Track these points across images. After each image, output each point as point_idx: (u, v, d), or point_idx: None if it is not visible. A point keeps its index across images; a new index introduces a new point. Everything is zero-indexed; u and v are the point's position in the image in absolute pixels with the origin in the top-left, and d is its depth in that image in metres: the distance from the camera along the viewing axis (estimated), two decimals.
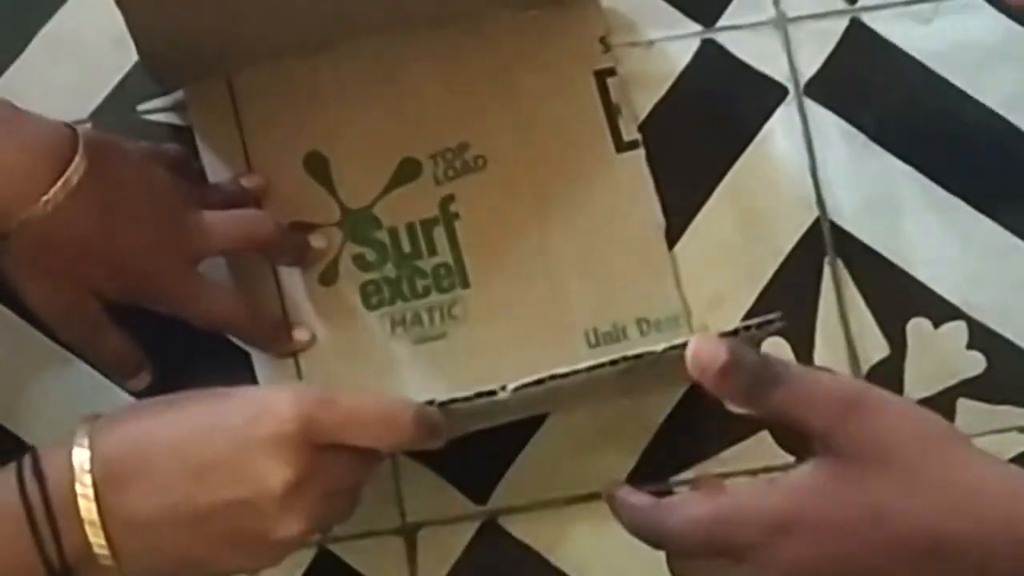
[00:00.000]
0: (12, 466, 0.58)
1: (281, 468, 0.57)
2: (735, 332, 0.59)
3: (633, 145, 0.76)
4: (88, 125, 0.75)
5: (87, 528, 0.57)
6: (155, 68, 0.74)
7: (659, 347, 0.59)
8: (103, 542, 0.57)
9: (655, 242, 0.75)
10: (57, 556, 0.57)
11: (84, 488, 0.57)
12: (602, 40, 0.77)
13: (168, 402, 0.60)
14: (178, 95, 0.76)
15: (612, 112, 0.76)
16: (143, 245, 0.66)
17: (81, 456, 0.57)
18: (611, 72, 0.77)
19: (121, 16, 0.68)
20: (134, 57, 0.75)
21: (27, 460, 0.58)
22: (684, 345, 0.57)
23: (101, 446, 0.58)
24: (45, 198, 0.62)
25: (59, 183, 0.62)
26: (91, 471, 0.57)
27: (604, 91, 0.77)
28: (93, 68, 0.76)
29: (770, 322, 0.60)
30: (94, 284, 0.66)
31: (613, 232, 0.75)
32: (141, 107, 0.76)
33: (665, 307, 0.75)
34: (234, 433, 0.58)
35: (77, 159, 0.63)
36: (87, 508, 0.57)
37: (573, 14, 0.77)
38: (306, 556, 0.71)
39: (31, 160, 0.62)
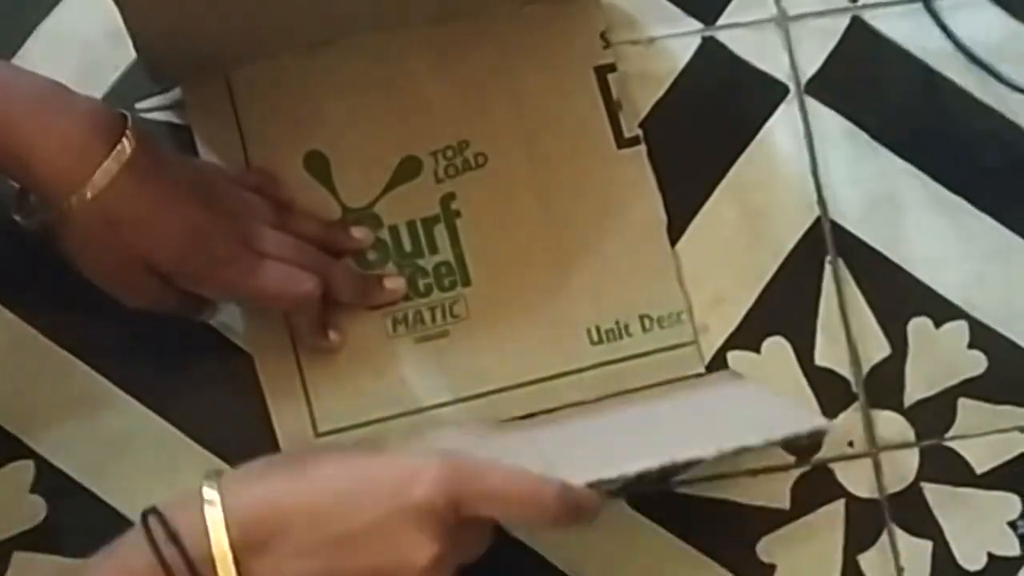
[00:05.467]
0: (138, 528, 0.57)
1: (428, 542, 0.57)
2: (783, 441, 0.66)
3: (634, 141, 0.76)
4: None
5: None
6: (153, 65, 0.74)
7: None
8: None
9: (657, 239, 0.75)
10: None
11: (222, 551, 0.56)
12: (602, 36, 0.77)
13: (299, 461, 0.60)
14: (176, 93, 0.76)
15: (613, 108, 0.76)
16: (197, 222, 0.67)
17: (215, 517, 0.56)
18: (612, 68, 0.76)
19: (118, 13, 0.68)
20: (132, 54, 0.74)
21: (154, 521, 0.57)
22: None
23: (235, 507, 0.57)
24: (100, 169, 0.63)
25: (112, 156, 0.64)
26: (228, 533, 0.56)
27: (605, 87, 0.76)
28: (91, 65, 0.76)
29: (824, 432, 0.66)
30: (150, 260, 0.66)
31: (615, 229, 0.75)
32: (139, 105, 0.76)
33: (668, 304, 0.74)
34: (380, 501, 0.57)
35: (128, 133, 0.64)
36: (226, 572, 0.56)
37: (573, 10, 0.77)
38: None
39: (86, 135, 0.64)
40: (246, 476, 0.59)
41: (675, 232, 0.75)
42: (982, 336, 0.75)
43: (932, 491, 0.74)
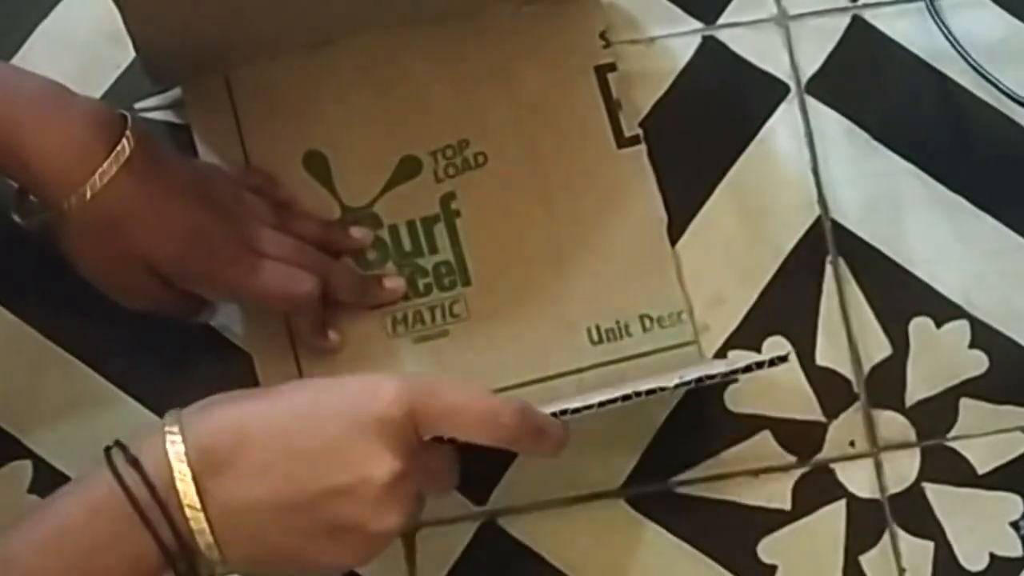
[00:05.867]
0: (100, 461, 0.58)
1: (388, 457, 0.57)
2: (747, 368, 0.63)
3: (634, 141, 0.76)
4: None
5: (187, 513, 0.56)
6: (152, 66, 0.74)
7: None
8: (205, 527, 0.56)
9: (657, 238, 0.75)
10: (174, 538, 0.56)
11: (182, 473, 0.56)
12: (602, 35, 0.77)
13: (263, 390, 0.61)
14: (176, 93, 0.76)
15: (613, 108, 0.76)
16: (197, 222, 0.67)
17: (175, 440, 0.57)
18: (611, 68, 0.76)
19: (118, 13, 0.67)
20: (131, 54, 0.75)
21: (116, 451, 0.58)
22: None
23: (196, 431, 0.58)
24: (100, 169, 0.63)
25: (111, 156, 0.64)
26: (187, 455, 0.56)
27: (604, 87, 0.76)
28: (90, 65, 0.76)
29: (783, 359, 0.63)
30: (150, 260, 0.66)
31: (615, 228, 0.75)
32: (139, 105, 0.76)
33: (668, 303, 0.74)
34: (339, 417, 0.58)
35: (128, 134, 0.64)
36: (186, 493, 0.56)
37: (573, 9, 0.77)
38: None
39: (85, 135, 0.64)
40: (207, 405, 0.60)
41: (675, 232, 0.75)
42: (983, 336, 0.75)
43: (934, 491, 0.73)
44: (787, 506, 0.73)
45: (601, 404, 0.62)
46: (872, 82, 0.77)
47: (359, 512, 0.57)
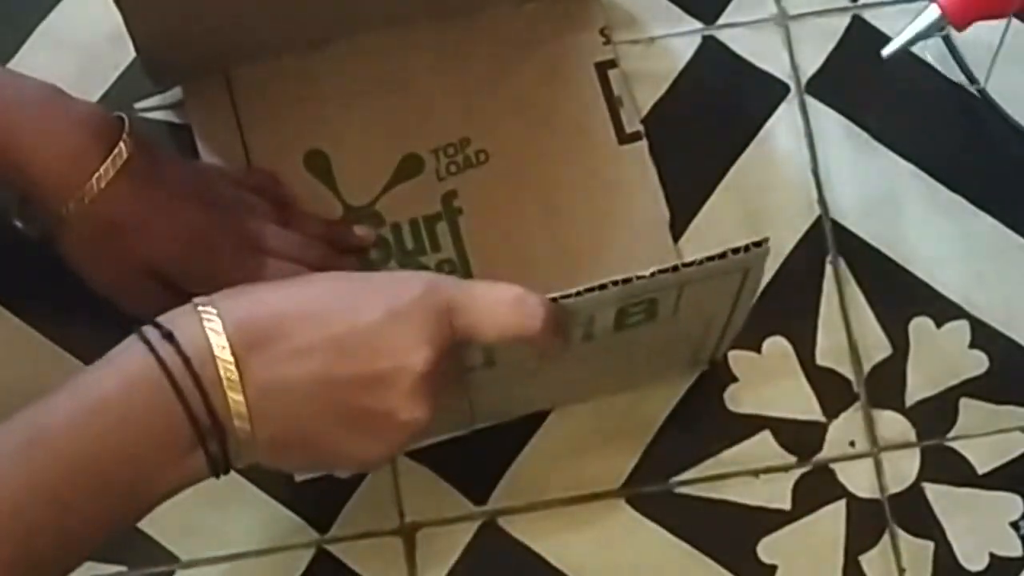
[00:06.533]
0: (132, 337, 0.57)
1: (424, 346, 0.57)
2: (723, 255, 0.60)
3: (635, 137, 0.76)
4: None
5: (225, 385, 0.55)
6: (153, 66, 0.74)
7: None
8: (241, 399, 0.55)
9: (660, 234, 0.75)
10: (207, 412, 0.55)
11: (221, 347, 0.55)
12: (602, 32, 0.77)
13: (295, 279, 0.60)
14: (176, 93, 0.76)
15: (614, 104, 0.76)
16: (199, 222, 0.66)
17: (211, 318, 0.56)
18: (612, 64, 0.76)
19: (118, 13, 0.68)
20: (131, 54, 0.75)
21: (149, 328, 0.56)
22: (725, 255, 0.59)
23: (232, 309, 0.56)
24: (97, 173, 0.63)
25: (109, 159, 0.63)
26: (226, 330, 0.55)
27: (605, 83, 0.76)
28: (90, 65, 0.76)
29: (758, 244, 0.60)
30: (152, 263, 0.66)
31: (617, 224, 0.75)
32: (139, 105, 0.76)
33: None
34: (376, 305, 0.57)
35: (125, 136, 0.64)
36: (225, 366, 0.55)
37: (573, 6, 0.77)
38: (304, 557, 0.71)
39: (83, 139, 0.64)
40: (240, 289, 0.59)
41: (676, 232, 0.75)
42: (983, 336, 0.75)
43: (934, 491, 0.73)
44: (787, 506, 0.73)
45: (579, 293, 0.60)
46: (872, 83, 0.77)
47: (393, 399, 0.57)
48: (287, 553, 0.71)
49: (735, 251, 0.60)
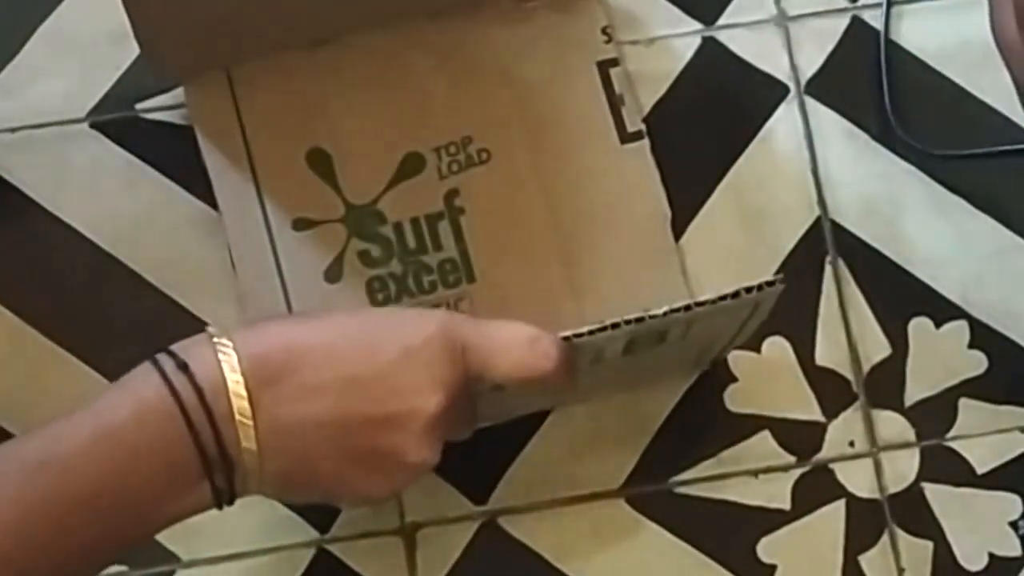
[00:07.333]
0: (146, 365, 0.56)
1: (438, 388, 0.57)
2: (736, 294, 0.61)
3: (637, 136, 0.76)
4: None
5: (237, 420, 0.55)
6: (156, 64, 0.74)
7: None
8: (252, 435, 0.55)
9: (661, 233, 0.75)
10: (216, 445, 0.55)
11: (235, 382, 0.55)
12: (604, 30, 0.77)
13: (311, 313, 0.60)
14: (177, 94, 0.76)
15: (615, 102, 0.76)
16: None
17: (226, 351, 0.56)
18: (614, 62, 0.76)
19: (120, 13, 0.67)
20: (133, 54, 0.75)
21: (164, 357, 0.56)
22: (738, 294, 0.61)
23: (247, 343, 0.56)
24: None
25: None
26: (240, 365, 0.55)
27: (607, 82, 0.76)
28: (91, 66, 0.76)
29: (771, 284, 0.61)
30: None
31: (619, 223, 0.75)
32: (140, 105, 0.76)
33: (672, 298, 0.74)
34: (390, 345, 0.57)
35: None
36: (239, 401, 0.55)
37: (574, 4, 0.77)
38: (304, 556, 0.71)
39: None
40: (256, 323, 0.59)
41: (676, 232, 0.75)
42: (982, 336, 0.75)
43: (933, 491, 0.73)
44: (787, 506, 0.73)
45: (591, 332, 0.61)
46: (872, 83, 0.77)
47: (403, 440, 0.57)
48: (287, 553, 0.71)
49: (748, 290, 0.61)
